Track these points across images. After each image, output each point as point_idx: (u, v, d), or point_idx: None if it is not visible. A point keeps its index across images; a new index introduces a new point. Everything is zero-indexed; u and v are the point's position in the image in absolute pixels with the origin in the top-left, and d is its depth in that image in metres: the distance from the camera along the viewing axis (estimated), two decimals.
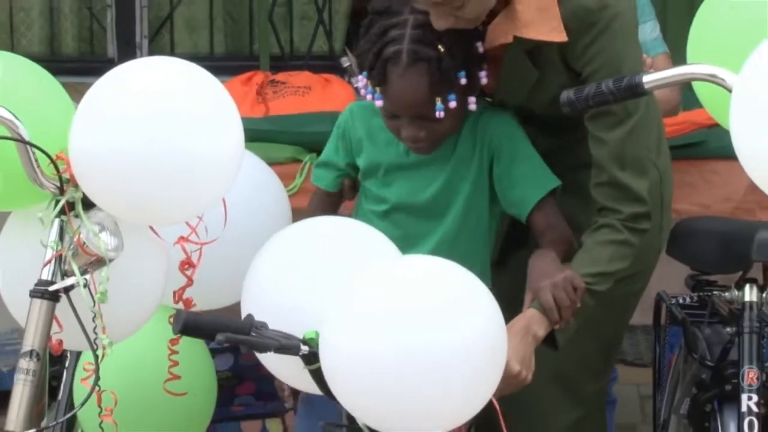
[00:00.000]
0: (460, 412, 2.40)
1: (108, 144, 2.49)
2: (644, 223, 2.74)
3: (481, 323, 2.39)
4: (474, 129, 2.81)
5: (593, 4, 2.73)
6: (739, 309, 2.82)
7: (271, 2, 5.25)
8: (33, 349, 2.52)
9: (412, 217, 2.81)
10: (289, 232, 2.67)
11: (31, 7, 5.43)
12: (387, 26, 2.72)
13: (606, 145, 2.74)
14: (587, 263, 2.69)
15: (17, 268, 2.65)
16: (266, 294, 2.59)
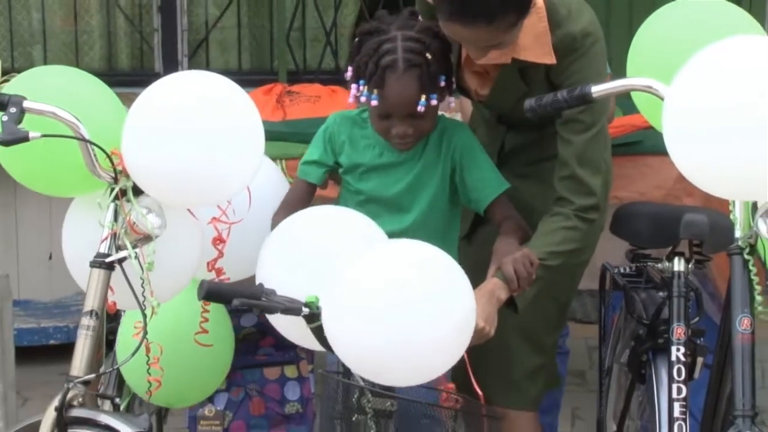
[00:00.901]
0: (439, 364, 2.39)
1: (153, 142, 2.50)
2: (593, 213, 2.75)
3: (455, 290, 2.39)
4: (440, 141, 2.80)
5: (578, 33, 2.73)
6: (669, 277, 2.82)
7: (288, 27, 5.23)
8: (93, 309, 2.53)
9: (383, 208, 2.78)
10: (295, 218, 2.66)
11: (92, 30, 5.41)
12: (379, 42, 2.71)
13: (572, 145, 2.74)
14: (542, 244, 2.70)
15: (80, 243, 2.66)
16: (275, 266, 2.59)
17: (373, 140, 2.82)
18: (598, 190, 2.75)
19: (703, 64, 2.26)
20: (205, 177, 2.52)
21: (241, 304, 2.46)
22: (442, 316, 2.34)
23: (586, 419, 4.17)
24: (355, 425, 2.49)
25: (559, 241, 2.70)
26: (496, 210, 2.78)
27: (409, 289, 2.33)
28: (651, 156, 3.66)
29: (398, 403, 2.48)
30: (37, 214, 4.76)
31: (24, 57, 5.35)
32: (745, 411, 2.31)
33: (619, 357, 3.12)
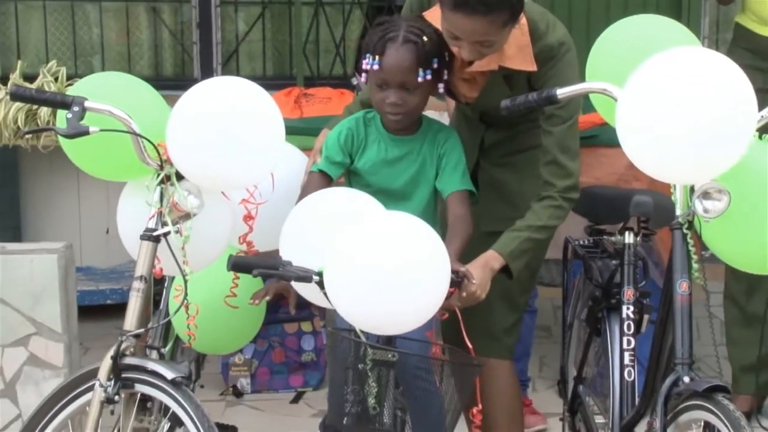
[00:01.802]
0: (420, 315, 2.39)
1: (192, 135, 2.49)
2: (573, 193, 2.74)
3: (430, 254, 2.39)
4: (434, 140, 2.78)
5: (555, 43, 2.72)
6: (621, 248, 2.82)
7: (304, 40, 5.22)
8: (142, 274, 2.53)
9: (389, 198, 2.74)
10: (311, 199, 2.64)
11: (142, 43, 5.41)
12: (387, 26, 2.70)
13: (553, 135, 2.72)
14: (534, 219, 2.70)
15: (132, 220, 2.65)
16: (296, 240, 2.58)
17: (378, 136, 2.79)
18: (576, 172, 2.74)
19: (649, 71, 2.26)
20: (234, 165, 2.50)
21: (260, 274, 2.46)
22: (421, 278, 2.34)
23: (551, 366, 4.18)
24: (363, 373, 2.49)
25: (548, 217, 2.71)
26: (452, 202, 2.75)
27: (393, 254, 2.33)
28: (606, 147, 3.65)
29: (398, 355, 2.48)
30: (96, 195, 4.77)
31: (85, 65, 5.35)
32: (684, 359, 2.31)
33: (579, 314, 3.11)
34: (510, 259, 2.67)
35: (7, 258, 3.34)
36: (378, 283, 2.32)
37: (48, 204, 4.90)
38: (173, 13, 5.43)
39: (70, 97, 2.48)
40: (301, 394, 4.09)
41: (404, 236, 2.37)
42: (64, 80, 4.38)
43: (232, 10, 5.41)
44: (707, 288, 2.47)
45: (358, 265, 2.34)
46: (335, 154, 2.78)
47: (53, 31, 5.36)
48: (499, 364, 2.92)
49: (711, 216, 2.32)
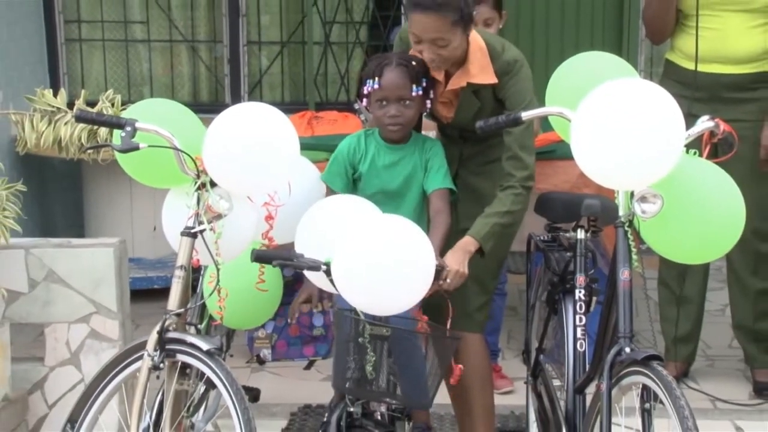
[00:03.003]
0: (410, 298, 2.40)
1: (223, 151, 2.48)
2: (530, 182, 2.75)
3: (418, 251, 2.39)
4: (422, 148, 2.78)
5: (511, 60, 2.75)
6: (574, 242, 2.80)
7: (315, 73, 5.21)
8: (182, 264, 2.52)
9: (387, 197, 2.75)
10: (321, 203, 2.65)
11: (183, 75, 5.38)
12: (381, 57, 2.76)
13: (513, 134, 2.73)
14: (500, 206, 2.71)
15: (174, 220, 2.63)
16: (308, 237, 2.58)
17: (377, 146, 2.79)
18: (532, 165, 2.75)
19: (597, 97, 2.25)
20: (258, 174, 2.50)
21: (279, 264, 2.47)
22: (411, 269, 2.35)
23: (517, 339, 4.17)
24: (362, 345, 2.48)
25: (510, 203, 2.71)
26: (434, 198, 2.76)
27: (388, 250, 2.33)
28: (562, 160, 3.64)
29: (391, 330, 2.47)
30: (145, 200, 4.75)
31: (137, 93, 5.33)
32: (626, 333, 2.31)
33: (540, 297, 3.10)
34: (483, 241, 2.68)
35: (73, 251, 3.33)
36: (375, 273, 2.32)
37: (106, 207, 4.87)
38: (208, 51, 5.42)
39: (123, 119, 2.48)
40: (313, 362, 4.05)
41: (397, 235, 2.38)
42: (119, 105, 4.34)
43: (257, 48, 5.40)
44: (644, 275, 2.46)
45: (359, 259, 2.34)
46: (340, 167, 2.78)
47: (111, 65, 5.35)
48: (472, 337, 2.91)
49: (647, 216, 2.32)
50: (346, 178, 2.80)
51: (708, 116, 2.43)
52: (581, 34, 5.15)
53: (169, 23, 5.31)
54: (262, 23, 5.37)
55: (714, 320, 4.25)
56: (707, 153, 2.40)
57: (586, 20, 5.15)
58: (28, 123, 4.32)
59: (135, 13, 5.31)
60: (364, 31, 5.35)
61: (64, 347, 3.30)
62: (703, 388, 3.72)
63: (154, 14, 5.30)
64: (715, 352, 4.11)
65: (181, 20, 5.34)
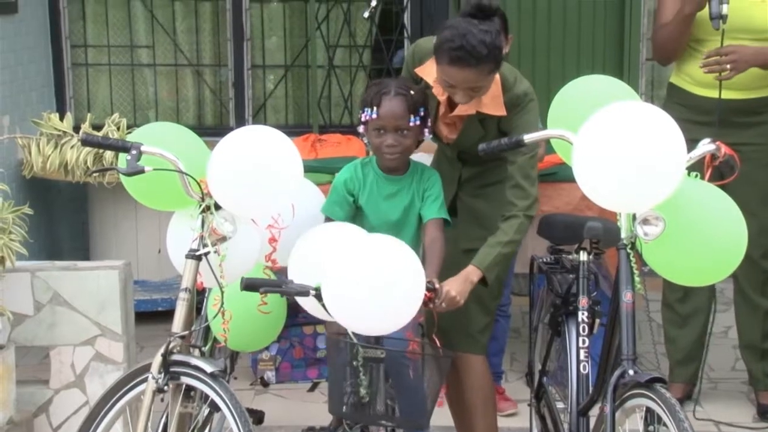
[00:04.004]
0: (402, 316, 2.38)
1: (228, 173, 2.49)
2: (532, 211, 2.74)
3: (408, 269, 2.38)
4: (420, 179, 2.78)
5: (521, 94, 2.74)
6: (576, 264, 2.80)
7: (319, 96, 5.23)
8: (187, 286, 2.52)
9: (389, 228, 2.73)
10: (311, 231, 2.64)
11: (188, 99, 5.39)
12: (380, 85, 2.74)
13: (516, 164, 2.73)
14: (503, 235, 2.70)
15: (179, 242, 2.64)
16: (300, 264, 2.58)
17: (375, 176, 2.78)
18: (534, 194, 2.74)
19: (599, 120, 2.26)
20: (262, 197, 2.50)
21: (267, 291, 2.45)
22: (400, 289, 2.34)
23: (521, 361, 4.15)
24: (356, 369, 2.47)
25: (513, 232, 2.71)
26: (430, 227, 2.74)
27: (376, 270, 2.32)
28: (564, 183, 3.65)
29: (385, 352, 2.46)
30: (150, 222, 4.75)
31: (142, 117, 5.34)
32: (629, 355, 2.30)
33: (543, 319, 3.09)
34: (486, 271, 2.67)
35: (78, 273, 3.33)
36: (365, 294, 2.30)
37: (111, 229, 4.88)
38: (213, 75, 5.44)
39: (129, 142, 2.49)
40: (317, 384, 4.06)
41: (384, 255, 2.36)
42: (125, 129, 4.38)
43: (261, 72, 5.42)
44: (647, 297, 2.46)
45: (348, 279, 2.33)
46: (339, 197, 2.77)
47: (117, 89, 5.37)
48: (475, 359, 2.90)
49: (650, 238, 2.31)
50: (347, 206, 2.78)
51: (709, 139, 2.43)
52: (582, 57, 5.18)
53: (174, 47, 5.34)
54: (267, 47, 5.40)
55: (717, 342, 4.23)
56: (710, 175, 2.40)
57: (587, 43, 5.19)
58: (34, 147, 4.35)
59: (141, 38, 5.34)
60: (367, 54, 5.37)
61: (69, 370, 3.29)
62: (707, 411, 3.70)
63: (160, 39, 5.33)
64: (718, 375, 4.09)
65: (186, 44, 5.36)
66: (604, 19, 5.17)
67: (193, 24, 5.35)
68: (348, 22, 5.30)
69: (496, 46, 2.57)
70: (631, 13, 5.14)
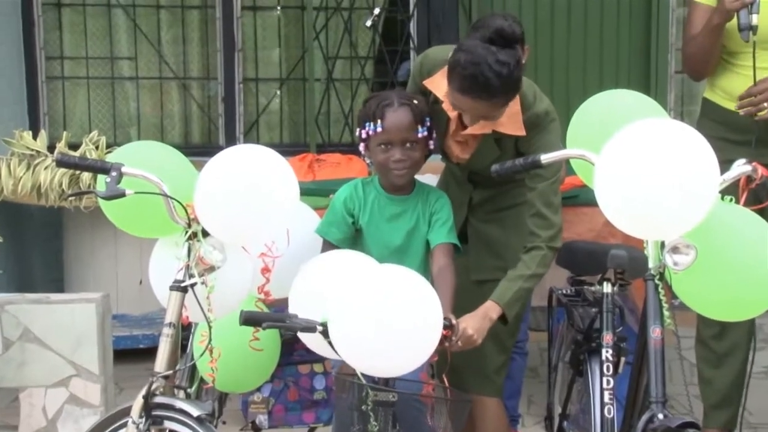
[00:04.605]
0: (418, 357, 2.37)
1: (217, 197, 2.50)
2: (556, 242, 2.75)
3: (424, 304, 2.36)
4: (426, 200, 2.79)
5: (542, 113, 2.75)
6: (600, 297, 2.80)
7: (317, 112, 5.25)
8: (171, 321, 2.52)
9: (392, 252, 2.73)
10: (316, 259, 2.64)
11: (174, 115, 5.43)
12: (380, 97, 2.75)
13: (536, 191, 2.74)
14: (524, 269, 2.71)
15: (162, 272, 2.65)
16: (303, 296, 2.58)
17: (377, 196, 2.80)
18: (558, 224, 2.75)
19: (623, 139, 2.26)
20: (255, 223, 2.51)
21: (269, 326, 2.44)
22: (416, 326, 2.32)
23: (539, 403, 4.13)
24: (365, 414, 2.46)
25: (536, 265, 2.71)
26: (438, 252, 2.74)
27: (390, 304, 2.30)
28: (585, 207, 3.66)
29: (397, 395, 2.46)
30: (130, 251, 4.77)
31: (123, 135, 5.38)
32: (658, 398, 2.29)
33: (563, 357, 3.09)
34: (507, 308, 2.68)
35: (51, 307, 3.33)
36: (378, 330, 2.29)
37: (88, 258, 4.90)
38: (201, 88, 5.47)
39: (109, 163, 2.50)
40: (314, 429, 4.05)
41: (399, 287, 2.35)
42: (104, 148, 4.40)
43: (254, 86, 5.45)
44: (678, 333, 2.45)
45: (358, 315, 2.32)
46: (337, 217, 2.77)
47: (95, 104, 5.40)
48: (489, 401, 2.90)
49: (680, 268, 2.31)
50: (346, 227, 2.79)
51: (745, 160, 2.44)
52: (605, 70, 5.20)
53: (158, 59, 5.38)
54: (260, 59, 5.44)
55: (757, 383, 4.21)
56: (745, 199, 2.40)
57: (610, 55, 5.19)
58: (5, 168, 4.37)
59: (122, 49, 5.39)
60: (369, 67, 5.41)
61: (41, 414, 3.29)
62: None
63: (143, 49, 5.38)
64: (758, 419, 4.07)
65: (172, 56, 5.41)
66: (629, 27, 5.18)
67: (179, 33, 5.40)
68: (349, 31, 5.35)
69: (512, 79, 2.56)
70: (659, 21, 5.14)
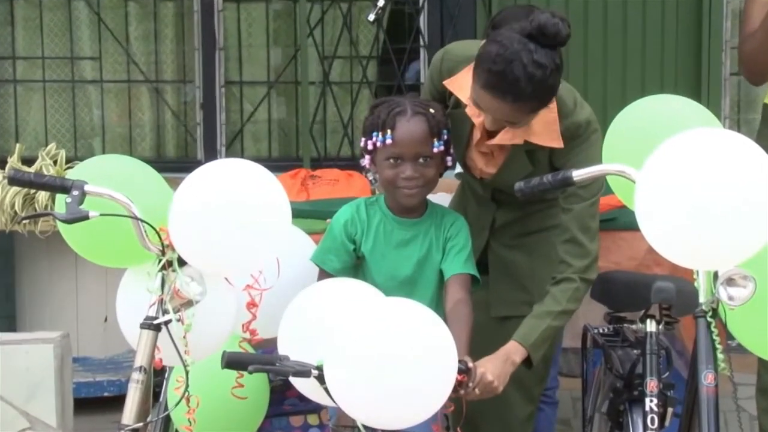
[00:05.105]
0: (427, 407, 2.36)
1: (195, 220, 2.50)
2: (591, 273, 2.75)
3: (436, 344, 2.34)
4: (440, 224, 2.79)
5: (583, 122, 2.76)
6: (642, 336, 2.80)
7: (311, 121, 5.26)
8: (142, 365, 2.51)
9: (399, 284, 2.74)
10: (309, 290, 2.64)
11: (144, 124, 5.46)
12: (391, 103, 2.74)
13: (572, 212, 2.74)
14: (553, 304, 2.71)
15: (131, 308, 2.64)
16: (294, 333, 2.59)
17: (383, 218, 2.81)
18: (594, 252, 2.75)
19: (668, 152, 2.27)
20: (239, 250, 2.52)
21: (256, 370, 2.44)
22: (427, 369, 2.30)
23: None
24: None
25: (567, 300, 2.71)
26: (453, 285, 2.74)
27: (396, 344, 2.29)
28: (625, 231, 3.66)
29: None
30: (94, 282, 4.77)
31: (85, 148, 5.40)
32: None
33: (599, 407, 3.09)
34: (532, 350, 2.68)
35: (2, 348, 3.34)
36: (381, 375, 2.28)
37: (44, 291, 4.90)
38: (176, 93, 5.50)
39: (69, 180, 2.51)
40: None
41: (407, 324, 2.34)
42: (63, 163, 4.42)
43: (237, 90, 5.48)
44: (735, 379, 2.45)
45: (359, 357, 2.31)
46: (336, 242, 2.79)
47: (53, 112, 5.43)
48: None
49: (736, 304, 2.32)
50: (346, 254, 2.80)
51: None
52: (648, 72, 5.19)
53: (126, 59, 5.41)
54: (245, 58, 5.47)
55: None
56: None
57: (654, 54, 5.19)
58: None
59: (84, 47, 5.42)
60: (372, 67, 5.44)
61: None
62: None
63: (109, 48, 5.41)
64: None
65: (143, 56, 5.44)
66: (676, 22, 5.18)
67: (151, 29, 5.43)
68: (348, 26, 5.37)
69: (545, 85, 2.58)
70: (711, 15, 5.13)
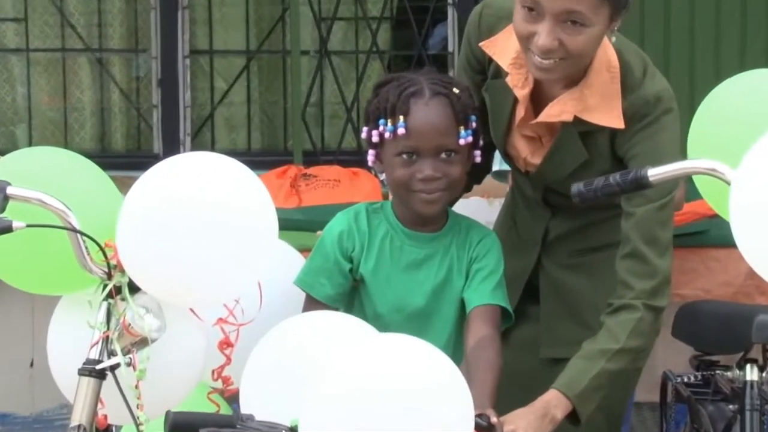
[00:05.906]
0: None
1: (152, 233, 2.51)
2: (660, 299, 2.72)
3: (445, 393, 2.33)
4: (465, 241, 2.80)
5: (651, 98, 2.76)
6: (740, 387, 2.82)
7: (304, 102, 5.27)
8: (80, 423, 2.51)
9: (408, 318, 2.77)
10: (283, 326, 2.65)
11: (83, 107, 5.48)
12: (402, 82, 2.75)
13: (634, 217, 2.74)
14: (609, 341, 2.69)
15: (66, 348, 2.65)
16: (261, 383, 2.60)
17: (390, 231, 2.82)
18: (664, 271, 2.73)
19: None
20: (210, 273, 2.52)
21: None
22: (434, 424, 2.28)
23: None
24: None
25: (627, 335, 2.69)
26: (475, 319, 2.74)
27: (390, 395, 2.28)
28: (717, 248, 3.67)
29: None
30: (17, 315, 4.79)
31: (6, 137, 5.43)
32: None
33: None
34: (578, 401, 2.67)
35: None
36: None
37: None
38: (126, 66, 5.52)
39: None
40: None
41: (407, 371, 2.32)
42: None
43: (207, 62, 5.49)
44: None
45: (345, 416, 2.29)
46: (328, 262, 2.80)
47: None
48: None
49: None
50: (340, 276, 2.82)
51: None
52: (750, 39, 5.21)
53: (61, 21, 5.43)
54: (216, 21, 5.49)
55: None
56: None
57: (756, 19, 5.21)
58: None
59: (6, 6, 5.44)
60: (384, 32, 5.45)
61: None
62: None
63: (38, 7, 5.43)
64: None
65: (82, 17, 5.46)
66: None
67: None
68: None
69: None
70: None
